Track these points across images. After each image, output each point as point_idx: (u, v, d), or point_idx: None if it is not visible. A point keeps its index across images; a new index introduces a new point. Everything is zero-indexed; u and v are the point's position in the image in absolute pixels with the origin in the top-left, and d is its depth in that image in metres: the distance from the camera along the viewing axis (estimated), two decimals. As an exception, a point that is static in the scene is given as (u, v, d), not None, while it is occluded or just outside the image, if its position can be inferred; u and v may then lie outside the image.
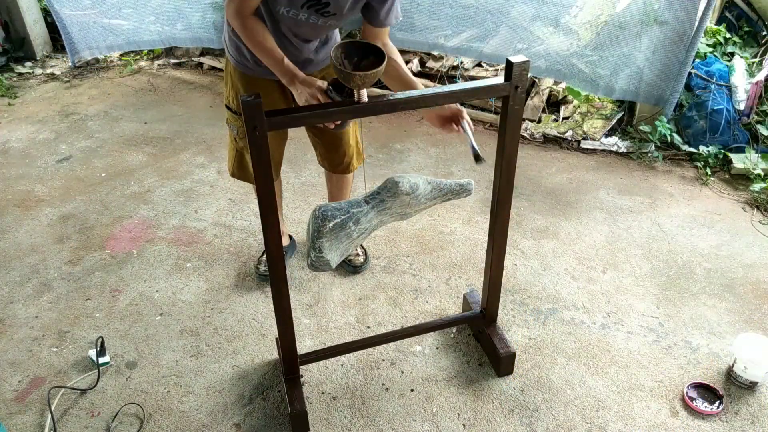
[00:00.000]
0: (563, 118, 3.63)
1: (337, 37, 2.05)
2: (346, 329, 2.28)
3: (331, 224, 1.59)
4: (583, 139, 3.46)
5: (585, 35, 3.18)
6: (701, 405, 1.94)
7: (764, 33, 3.69)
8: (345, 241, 1.64)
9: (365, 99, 1.50)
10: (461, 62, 3.82)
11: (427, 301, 2.39)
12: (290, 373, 1.93)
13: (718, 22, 3.72)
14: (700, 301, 2.38)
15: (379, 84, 4.41)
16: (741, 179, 3.13)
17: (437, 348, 2.19)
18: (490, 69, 3.83)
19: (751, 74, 3.36)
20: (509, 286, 2.44)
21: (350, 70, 1.46)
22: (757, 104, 3.25)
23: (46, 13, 4.56)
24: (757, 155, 3.17)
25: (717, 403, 1.95)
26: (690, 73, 3.29)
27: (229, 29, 1.93)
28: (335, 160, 2.30)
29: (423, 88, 1.70)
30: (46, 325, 2.30)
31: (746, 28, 3.74)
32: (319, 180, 3.13)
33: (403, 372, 2.10)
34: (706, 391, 2.00)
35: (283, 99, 2.03)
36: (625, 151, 3.39)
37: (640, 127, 3.39)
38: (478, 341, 2.21)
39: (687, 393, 1.98)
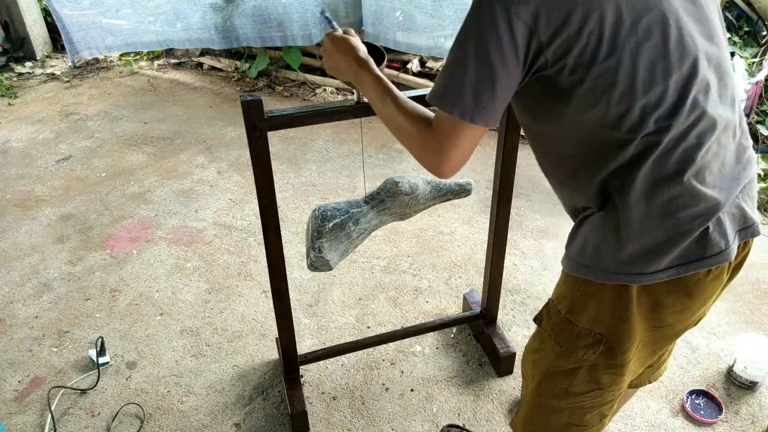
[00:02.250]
0: (563, 118, 3.63)
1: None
2: (346, 329, 2.28)
3: (331, 224, 1.59)
4: (583, 139, 3.46)
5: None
6: (702, 416, 1.93)
7: (764, 33, 3.69)
8: (345, 242, 1.64)
9: (365, 99, 1.50)
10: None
11: (427, 301, 2.39)
12: (290, 373, 1.93)
13: (718, 22, 3.71)
14: (700, 301, 2.38)
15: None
16: (741, 179, 3.13)
17: (437, 348, 2.19)
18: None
19: (751, 74, 3.36)
20: (509, 286, 2.44)
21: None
22: (757, 104, 3.25)
23: (46, 13, 4.56)
24: (757, 155, 3.17)
25: (717, 411, 1.95)
26: (690, 73, 3.29)
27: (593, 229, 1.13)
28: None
29: None
30: (46, 325, 2.30)
31: (746, 28, 3.73)
32: (319, 180, 3.13)
33: (403, 372, 2.10)
34: (706, 398, 1.99)
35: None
36: (625, 151, 3.38)
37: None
38: (478, 341, 2.20)
39: (687, 404, 1.96)
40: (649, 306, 1.13)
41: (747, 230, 1.13)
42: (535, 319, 1.28)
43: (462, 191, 1.80)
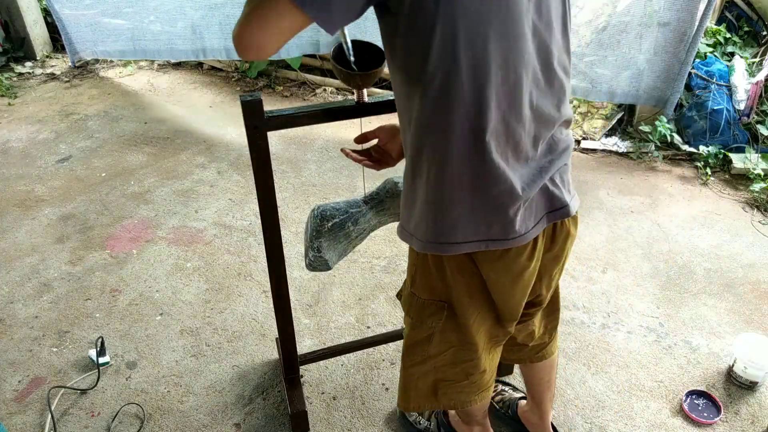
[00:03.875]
0: (563, 118, 3.62)
1: None
2: (346, 329, 2.28)
3: (330, 224, 1.59)
4: (583, 138, 3.46)
5: (585, 35, 3.18)
6: (700, 416, 1.93)
7: (764, 33, 3.69)
8: (343, 242, 1.64)
9: (366, 99, 1.50)
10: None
11: (427, 301, 2.39)
12: (290, 373, 1.93)
13: (718, 22, 3.72)
14: (700, 301, 2.38)
15: (379, 84, 4.39)
16: (741, 179, 3.13)
17: (437, 348, 2.19)
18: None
19: (751, 74, 3.36)
20: (509, 286, 2.44)
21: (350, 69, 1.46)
22: (757, 104, 3.25)
23: (46, 13, 4.56)
24: (757, 155, 3.17)
25: (716, 412, 1.95)
26: (690, 73, 3.29)
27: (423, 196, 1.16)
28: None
29: None
30: (46, 325, 2.30)
31: (746, 28, 3.74)
32: (319, 180, 3.13)
33: (403, 372, 2.10)
34: (705, 399, 1.99)
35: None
36: (625, 151, 3.39)
37: (640, 127, 3.39)
38: (478, 341, 2.20)
39: (686, 404, 1.96)
40: (462, 270, 1.24)
41: (557, 212, 1.21)
42: (397, 295, 1.42)
43: (462, 191, 1.80)
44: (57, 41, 4.67)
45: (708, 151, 3.22)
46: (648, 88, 3.23)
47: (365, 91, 1.49)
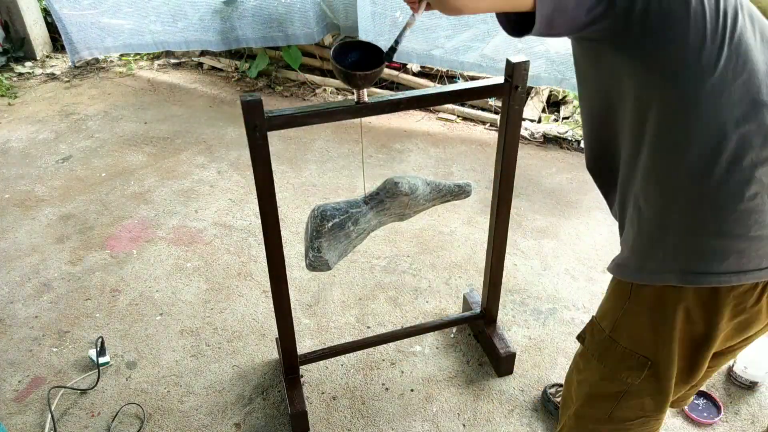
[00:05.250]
0: (563, 118, 3.63)
1: None
2: (346, 329, 2.28)
3: (330, 224, 1.60)
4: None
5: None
6: (700, 416, 1.93)
7: (764, 33, 3.68)
8: (344, 241, 1.64)
9: (366, 99, 1.50)
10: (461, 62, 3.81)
11: (427, 301, 2.40)
12: (290, 373, 1.93)
13: (718, 22, 3.71)
14: (700, 301, 2.37)
15: (379, 84, 4.38)
16: (741, 179, 3.12)
17: (437, 348, 2.19)
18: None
19: (751, 74, 3.35)
20: (509, 286, 2.44)
21: (350, 69, 1.46)
22: (757, 104, 3.24)
23: (46, 13, 4.56)
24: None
25: (716, 411, 1.95)
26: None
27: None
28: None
29: None
30: (46, 325, 2.30)
31: (746, 28, 3.73)
32: (319, 180, 3.13)
33: (403, 372, 2.10)
34: (705, 399, 1.98)
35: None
36: (625, 151, 3.38)
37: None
38: (478, 341, 2.21)
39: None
40: (692, 318, 1.08)
41: None
42: (578, 338, 1.24)
43: (461, 192, 1.80)
44: (57, 41, 4.66)
45: (708, 151, 3.21)
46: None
47: (365, 91, 1.49)
